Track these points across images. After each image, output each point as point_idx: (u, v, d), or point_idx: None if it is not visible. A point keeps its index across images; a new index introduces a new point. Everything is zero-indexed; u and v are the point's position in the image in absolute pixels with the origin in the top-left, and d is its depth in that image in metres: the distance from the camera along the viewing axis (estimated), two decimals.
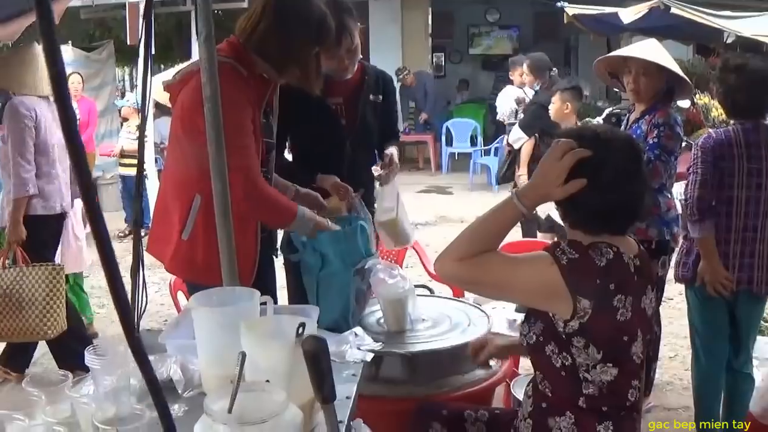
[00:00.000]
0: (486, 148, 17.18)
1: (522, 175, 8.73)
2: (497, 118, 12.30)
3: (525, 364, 4.55)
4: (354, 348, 3.25)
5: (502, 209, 2.90)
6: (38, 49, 6.08)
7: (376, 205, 4.86)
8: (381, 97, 4.88)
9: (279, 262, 4.45)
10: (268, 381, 2.27)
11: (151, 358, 2.87)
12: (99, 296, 8.51)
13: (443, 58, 24.54)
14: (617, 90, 15.19)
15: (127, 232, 12.25)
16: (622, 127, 5.57)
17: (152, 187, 12.62)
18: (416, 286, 4.65)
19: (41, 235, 6.05)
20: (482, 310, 4.24)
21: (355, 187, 4.52)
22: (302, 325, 2.41)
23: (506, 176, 9.76)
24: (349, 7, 4.54)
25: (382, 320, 4.11)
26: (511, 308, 4.94)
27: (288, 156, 4.92)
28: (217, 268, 3.50)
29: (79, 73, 12.27)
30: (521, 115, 9.57)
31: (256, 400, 2.13)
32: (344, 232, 3.93)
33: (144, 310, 3.55)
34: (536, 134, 8.68)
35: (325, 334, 3.00)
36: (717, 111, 11.11)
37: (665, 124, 5.10)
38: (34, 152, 5.97)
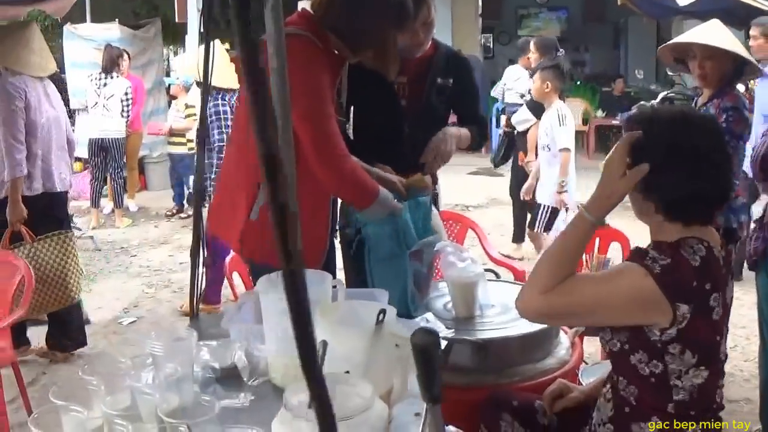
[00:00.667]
0: None
1: (530, 161, 8.57)
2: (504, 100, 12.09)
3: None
4: None
5: (573, 227, 2.76)
6: (35, 28, 6.55)
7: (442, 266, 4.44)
8: (451, 80, 4.55)
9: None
10: (348, 372, 2.11)
11: (213, 343, 2.74)
12: (147, 275, 8.44)
13: (491, 40, 24.27)
14: (670, 74, 15.10)
15: (174, 211, 12.24)
16: None
17: None
18: (485, 270, 4.51)
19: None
20: None
21: (416, 171, 4.29)
22: (382, 311, 2.24)
23: (503, 159, 9.63)
24: None
25: (449, 305, 3.93)
26: None
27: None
28: None
29: (126, 51, 12.18)
30: (528, 97, 9.26)
31: (339, 393, 1.96)
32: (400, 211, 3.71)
33: (203, 293, 3.41)
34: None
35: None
36: None
37: (733, 108, 4.95)
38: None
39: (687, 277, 2.59)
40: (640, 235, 6.53)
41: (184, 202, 12.26)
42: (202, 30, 3.56)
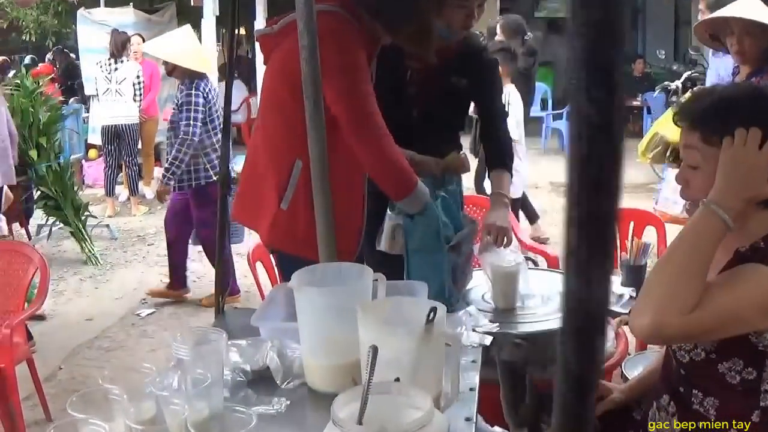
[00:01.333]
0: (558, 112, 16.73)
1: None
2: None
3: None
4: (470, 330, 2.87)
5: (704, 230, 2.38)
6: None
7: (480, 255, 3.96)
8: (465, 80, 4.12)
9: None
10: (398, 379, 1.89)
11: (242, 343, 2.53)
12: (165, 265, 8.25)
13: None
14: (692, 53, 14.87)
15: None
16: None
17: None
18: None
19: None
20: None
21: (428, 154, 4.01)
22: (433, 309, 2.03)
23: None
24: None
25: (487, 295, 3.73)
26: (617, 281, 4.52)
27: None
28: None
29: (141, 36, 12.01)
30: None
31: (391, 405, 1.75)
32: (433, 204, 3.47)
33: (230, 287, 3.20)
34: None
35: None
36: None
37: None
38: None
39: None
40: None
41: None
42: (218, 14, 3.34)
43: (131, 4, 13.80)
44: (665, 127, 5.46)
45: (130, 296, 7.88)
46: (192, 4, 13.01)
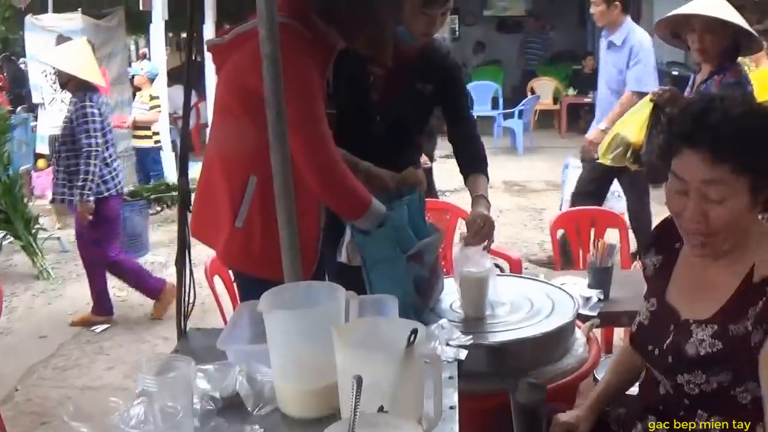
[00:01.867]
0: (509, 111, 16.64)
1: None
2: None
3: None
4: (444, 344, 2.78)
5: None
6: None
7: (455, 258, 3.87)
8: (431, 86, 4.04)
9: None
10: (383, 408, 1.80)
11: (209, 368, 2.42)
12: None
13: (457, 21, 24.03)
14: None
15: None
16: (688, 89, 5.44)
17: (167, 158, 12.27)
18: None
19: None
20: (564, 290, 3.78)
21: (383, 165, 3.83)
22: (414, 332, 1.93)
23: None
24: None
25: (455, 305, 3.64)
26: (583, 284, 4.46)
27: None
28: (277, 259, 3.01)
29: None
30: None
31: None
32: (388, 213, 3.37)
33: (192, 307, 3.09)
34: None
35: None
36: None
37: (737, 84, 4.94)
38: None
39: None
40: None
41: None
42: (167, 18, 3.22)
43: (79, 9, 13.58)
44: (626, 128, 5.45)
45: (84, 311, 7.69)
46: (141, 8, 12.83)
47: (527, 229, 10.08)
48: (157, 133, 11.77)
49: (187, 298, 3.07)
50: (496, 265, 4.34)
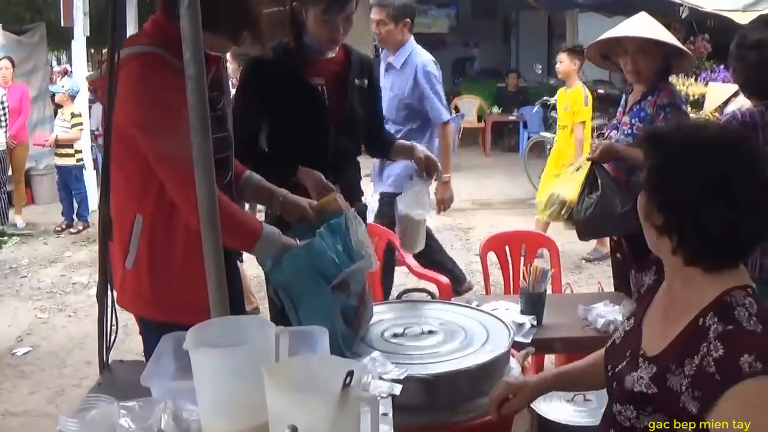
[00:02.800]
0: None
1: None
2: None
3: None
4: (377, 378, 2.69)
5: None
6: None
7: (399, 198, 4.40)
8: (366, 81, 4.33)
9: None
10: None
11: (133, 405, 2.30)
12: (39, 298, 7.95)
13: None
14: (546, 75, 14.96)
15: (64, 227, 11.71)
16: (620, 109, 5.41)
17: (90, 177, 12.08)
18: (417, 290, 4.21)
19: None
20: (498, 318, 3.70)
21: (336, 180, 3.96)
22: (350, 373, 1.83)
23: None
24: None
25: (387, 333, 3.53)
26: (516, 309, 4.39)
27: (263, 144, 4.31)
28: (166, 302, 3.04)
29: (9, 58, 11.63)
30: None
31: None
32: (311, 242, 3.23)
33: (114, 340, 2.96)
34: None
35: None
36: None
37: (671, 105, 4.92)
38: None
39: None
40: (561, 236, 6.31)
41: (74, 216, 11.77)
42: (88, 35, 3.09)
43: (0, 25, 13.35)
44: (561, 186, 5.42)
45: (5, 334, 7.52)
46: (62, 24, 12.61)
47: (454, 249, 9.98)
48: (79, 151, 11.57)
49: (109, 330, 2.93)
50: (424, 290, 4.31)
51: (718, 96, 9.09)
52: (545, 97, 13.98)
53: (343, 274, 3.23)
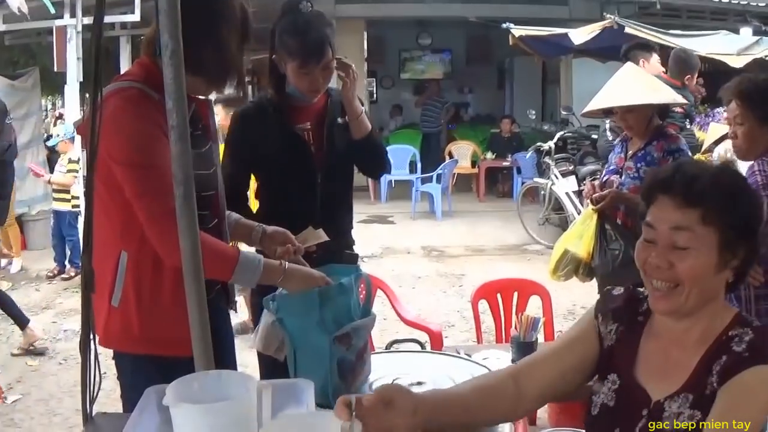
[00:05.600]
0: (427, 175, 16.54)
1: None
2: None
3: None
4: None
5: None
6: None
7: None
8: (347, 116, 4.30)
9: None
10: None
11: None
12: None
13: (375, 84, 24.08)
14: (564, 112, 15.05)
15: (56, 272, 11.64)
16: (621, 155, 5.45)
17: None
18: (406, 340, 4.14)
19: None
20: (488, 369, 3.65)
21: (327, 227, 3.93)
22: None
23: None
24: (330, 21, 4.10)
25: (375, 384, 3.41)
26: (507, 358, 4.35)
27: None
28: (157, 337, 3.04)
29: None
30: None
31: None
32: (322, 289, 3.20)
33: (98, 392, 2.91)
34: None
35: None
36: None
37: (679, 150, 5.08)
38: None
39: None
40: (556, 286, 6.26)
41: (66, 262, 11.74)
42: (81, 80, 3.10)
43: None
44: (573, 243, 5.42)
45: None
46: (55, 69, 12.63)
47: (447, 296, 9.94)
48: (76, 197, 11.54)
49: (92, 382, 2.89)
50: (414, 341, 4.26)
51: (715, 135, 9.10)
52: (539, 143, 13.98)
53: (348, 327, 3.20)
